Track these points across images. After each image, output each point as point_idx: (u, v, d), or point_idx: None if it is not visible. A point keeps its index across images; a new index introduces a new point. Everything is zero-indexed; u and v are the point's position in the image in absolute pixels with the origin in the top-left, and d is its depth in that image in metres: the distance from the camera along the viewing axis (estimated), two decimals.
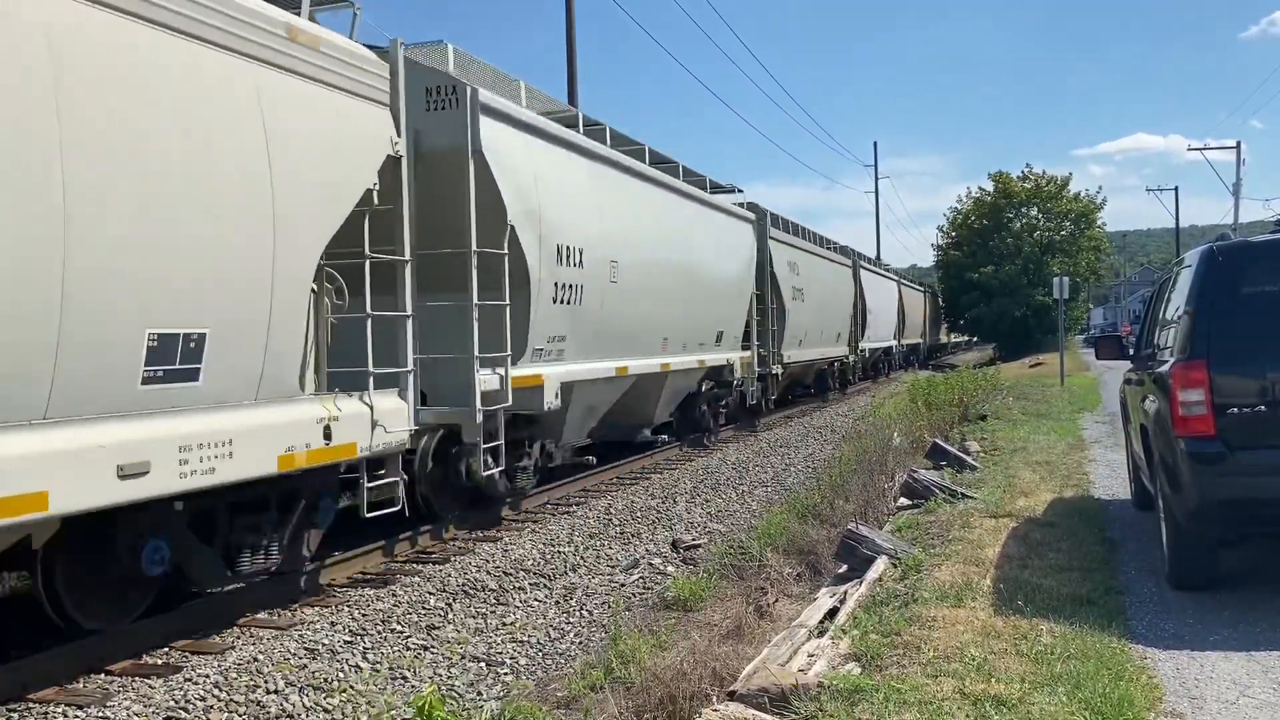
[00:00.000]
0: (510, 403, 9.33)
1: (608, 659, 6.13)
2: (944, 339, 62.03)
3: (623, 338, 12.14)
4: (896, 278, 42.31)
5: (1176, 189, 59.79)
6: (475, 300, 8.87)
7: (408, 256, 7.72)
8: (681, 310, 14.17)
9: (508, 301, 9.20)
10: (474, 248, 8.87)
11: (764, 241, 19.23)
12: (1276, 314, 6.13)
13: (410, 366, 7.78)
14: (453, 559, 8.73)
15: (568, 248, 10.52)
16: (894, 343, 38.67)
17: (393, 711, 5.57)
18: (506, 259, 9.22)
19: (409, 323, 7.81)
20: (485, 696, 5.99)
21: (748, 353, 17.69)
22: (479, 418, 8.95)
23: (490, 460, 9.22)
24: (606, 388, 12.12)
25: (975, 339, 67.77)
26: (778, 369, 19.92)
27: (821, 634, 5.78)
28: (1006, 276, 49.47)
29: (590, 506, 11.27)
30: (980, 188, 53.96)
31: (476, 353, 8.88)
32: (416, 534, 9.20)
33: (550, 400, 10.17)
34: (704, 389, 16.23)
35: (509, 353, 9.24)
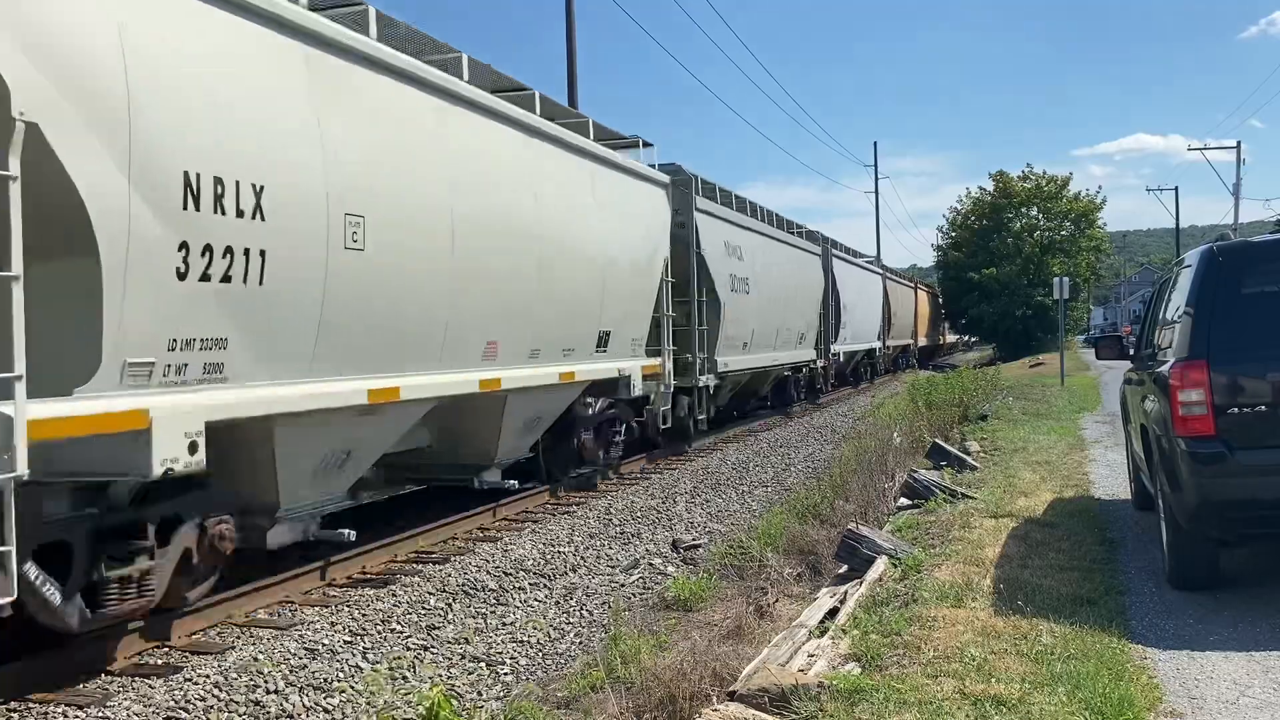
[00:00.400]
0: None
1: (608, 659, 6.13)
2: (941, 339, 61.19)
3: (383, 341, 7.66)
4: (882, 270, 37.87)
5: (1176, 189, 60.03)
6: None
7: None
8: (523, 301, 9.73)
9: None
10: None
11: (687, 214, 15.07)
12: (1276, 314, 6.13)
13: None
14: (452, 559, 8.74)
15: (214, 180, 5.90)
16: (878, 344, 35.00)
17: (395, 712, 5.57)
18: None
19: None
20: (485, 696, 5.99)
21: (656, 360, 13.54)
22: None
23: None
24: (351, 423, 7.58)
25: (974, 339, 67.77)
26: (710, 380, 15.89)
27: (822, 634, 5.78)
28: (1006, 277, 49.46)
29: (590, 507, 11.27)
30: (980, 187, 54.01)
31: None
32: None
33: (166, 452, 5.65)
34: (587, 411, 12.13)
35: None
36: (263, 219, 6.29)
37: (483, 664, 6.51)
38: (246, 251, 6.19)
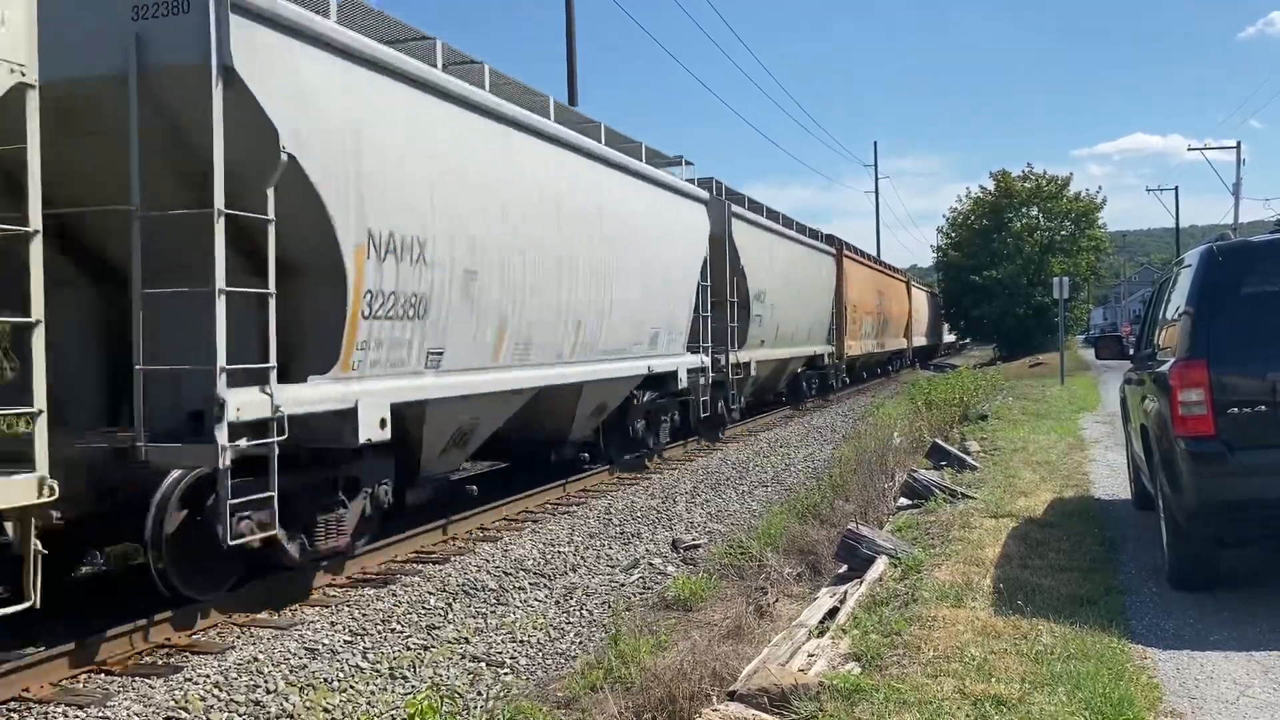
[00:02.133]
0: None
1: (608, 659, 6.13)
2: (941, 340, 60.80)
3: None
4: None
5: (1176, 189, 59.96)
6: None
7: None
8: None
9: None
10: None
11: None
12: (1276, 314, 6.12)
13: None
14: (452, 559, 8.73)
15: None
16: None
17: (393, 712, 5.57)
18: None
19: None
20: (485, 696, 5.99)
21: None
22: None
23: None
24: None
25: (973, 339, 67.74)
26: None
27: (822, 634, 5.78)
28: (1007, 276, 49.44)
29: (590, 506, 11.27)
30: (981, 186, 53.95)
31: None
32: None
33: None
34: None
35: None
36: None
37: (482, 664, 6.51)
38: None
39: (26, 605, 4.76)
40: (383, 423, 7.54)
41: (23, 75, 4.67)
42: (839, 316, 27.08)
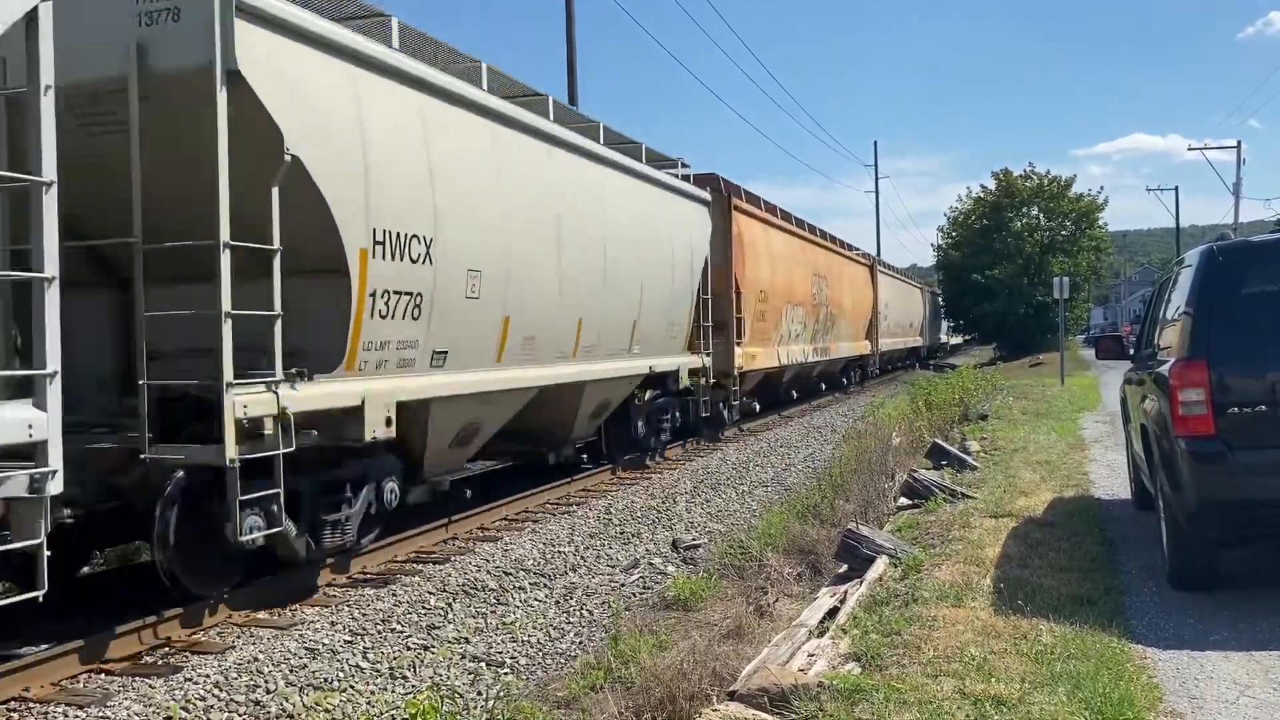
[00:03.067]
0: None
1: (607, 659, 6.13)
2: (940, 339, 60.60)
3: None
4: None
5: (1177, 189, 60.00)
6: None
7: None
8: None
9: None
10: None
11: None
12: (1276, 314, 6.12)
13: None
14: (453, 559, 8.74)
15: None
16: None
17: (393, 712, 5.57)
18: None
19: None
20: (485, 696, 5.99)
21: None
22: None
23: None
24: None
25: (974, 338, 67.75)
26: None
27: (822, 634, 5.78)
28: (1007, 276, 49.47)
29: (590, 506, 11.27)
30: (982, 186, 53.99)
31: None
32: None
33: None
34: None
35: None
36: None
37: (483, 664, 6.51)
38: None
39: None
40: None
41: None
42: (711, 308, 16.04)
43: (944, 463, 12.02)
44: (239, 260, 6.33)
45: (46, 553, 4.74)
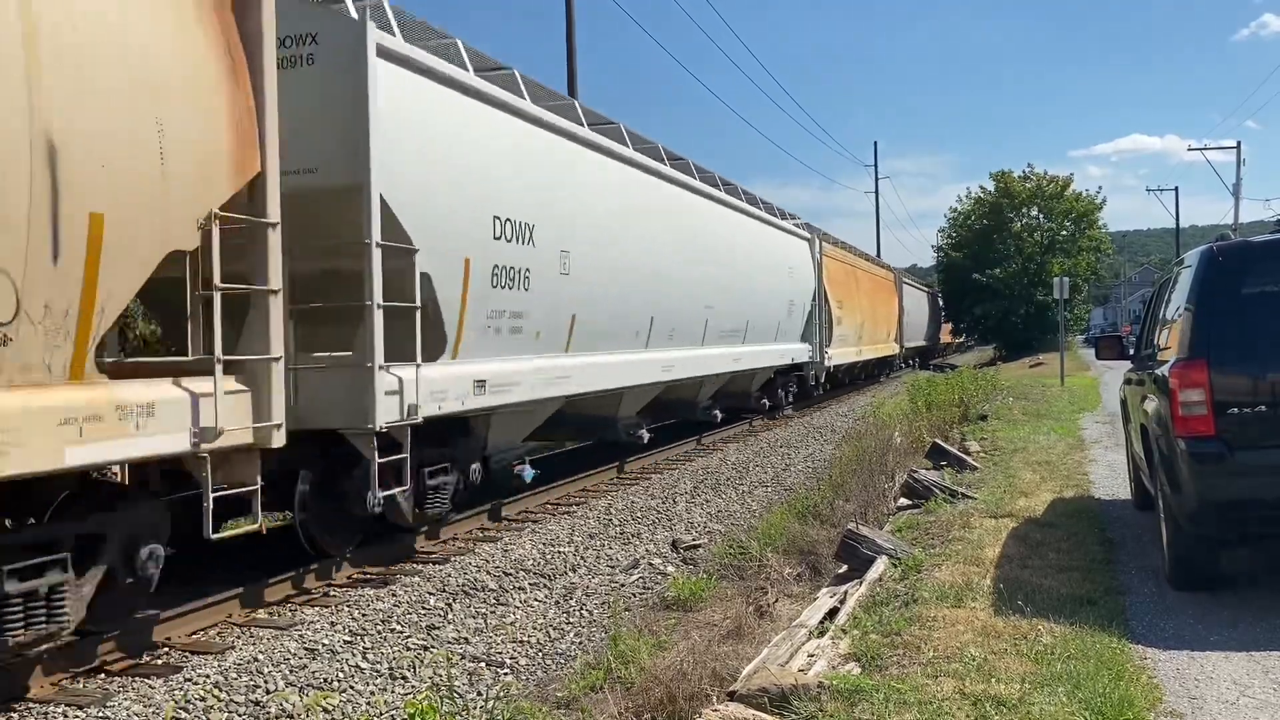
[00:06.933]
0: None
1: (607, 659, 6.13)
2: (941, 339, 60.38)
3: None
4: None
5: (1176, 189, 60.16)
6: None
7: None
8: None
9: None
10: None
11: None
12: (1276, 314, 6.12)
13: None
14: (453, 559, 8.74)
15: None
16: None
17: (393, 712, 5.57)
18: None
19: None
20: (485, 696, 5.99)
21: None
22: None
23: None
24: None
25: (974, 338, 67.73)
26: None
27: (821, 634, 5.78)
28: (1007, 276, 49.48)
29: (590, 506, 11.27)
30: (981, 186, 54.03)
31: None
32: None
33: None
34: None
35: None
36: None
37: (482, 664, 6.51)
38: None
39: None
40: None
41: None
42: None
43: (944, 463, 12.02)
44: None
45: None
